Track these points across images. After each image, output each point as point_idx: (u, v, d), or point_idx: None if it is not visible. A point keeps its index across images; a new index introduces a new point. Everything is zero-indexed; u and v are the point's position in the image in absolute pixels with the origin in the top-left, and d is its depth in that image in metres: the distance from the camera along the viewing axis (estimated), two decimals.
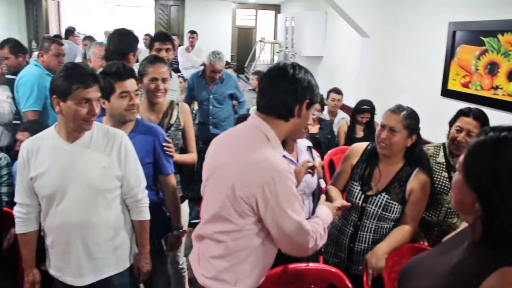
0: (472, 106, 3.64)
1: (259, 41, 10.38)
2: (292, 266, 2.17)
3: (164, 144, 2.44)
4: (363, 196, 2.38)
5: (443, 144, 2.62)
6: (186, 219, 2.90)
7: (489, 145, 1.08)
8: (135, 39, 3.36)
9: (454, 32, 3.93)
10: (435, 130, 4.15)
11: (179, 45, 8.56)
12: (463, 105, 3.75)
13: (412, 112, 2.36)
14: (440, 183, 2.53)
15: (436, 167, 2.58)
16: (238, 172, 1.62)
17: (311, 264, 2.23)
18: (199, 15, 10.21)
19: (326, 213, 1.89)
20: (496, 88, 3.47)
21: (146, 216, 2.19)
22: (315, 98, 1.72)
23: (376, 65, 5.15)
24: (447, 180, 2.53)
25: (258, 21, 11.79)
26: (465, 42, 3.82)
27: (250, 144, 1.67)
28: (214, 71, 4.41)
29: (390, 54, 5.03)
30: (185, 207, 2.88)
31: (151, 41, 3.57)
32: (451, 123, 2.56)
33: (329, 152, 4.05)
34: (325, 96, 4.71)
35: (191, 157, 2.84)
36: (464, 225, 1.34)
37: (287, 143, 2.24)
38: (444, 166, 2.56)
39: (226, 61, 9.19)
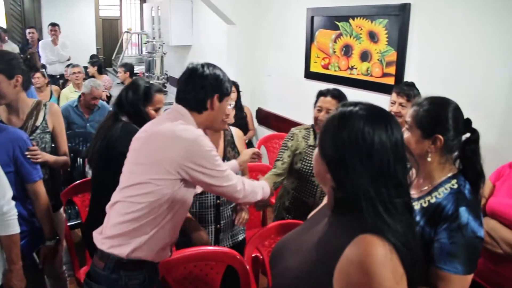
0: (333, 86, 3.95)
1: (125, 32, 10.06)
2: (192, 249, 2.21)
3: (27, 152, 2.27)
4: None
5: (313, 126, 2.73)
6: (62, 227, 2.76)
7: (335, 119, 1.16)
8: None
9: (312, 18, 4.18)
10: (300, 110, 4.42)
11: (38, 39, 7.99)
12: (325, 85, 4.01)
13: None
14: (313, 165, 2.63)
15: (308, 150, 2.67)
16: (161, 142, 1.78)
17: (210, 247, 2.28)
18: (58, 6, 9.50)
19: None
20: (352, 68, 3.78)
21: (15, 229, 2.01)
22: (226, 91, 1.93)
23: (243, 51, 5.29)
24: None
25: (123, 11, 11.40)
26: (322, 27, 4.08)
27: (169, 120, 1.86)
28: (95, 97, 4.48)
29: (256, 40, 5.19)
30: (60, 215, 2.74)
31: None
32: (314, 104, 2.69)
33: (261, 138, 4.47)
34: None
35: (63, 159, 2.67)
36: (325, 201, 1.43)
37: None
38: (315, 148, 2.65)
39: (93, 55, 8.82)
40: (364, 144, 1.09)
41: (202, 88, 1.87)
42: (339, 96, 2.61)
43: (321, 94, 2.67)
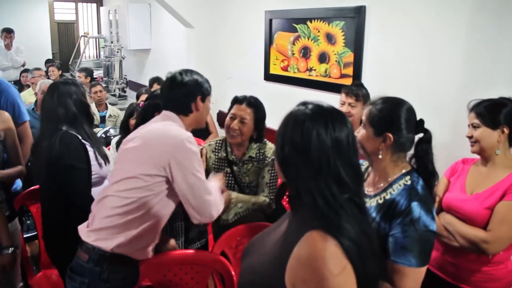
0: (292, 87, 4.01)
1: (82, 36, 9.87)
2: (178, 251, 2.24)
3: None
4: None
5: (226, 138, 2.61)
6: (18, 237, 2.68)
7: (284, 119, 1.22)
8: None
9: (270, 20, 4.20)
10: None
11: None
12: (284, 87, 4.08)
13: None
14: (226, 179, 2.52)
15: (217, 163, 2.58)
16: (151, 139, 1.93)
17: (196, 251, 2.33)
18: (9, 9, 9.13)
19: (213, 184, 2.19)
20: (311, 69, 3.83)
21: None
22: (206, 91, 2.10)
23: (203, 54, 5.28)
24: (230, 175, 2.57)
25: (79, 15, 11.16)
26: (281, 29, 4.12)
27: (160, 122, 2.03)
28: None
29: (215, 43, 5.18)
30: (15, 225, 2.67)
31: None
32: (228, 111, 2.56)
33: None
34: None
35: (17, 170, 2.59)
36: None
37: None
38: (226, 162, 2.58)
39: (49, 59, 8.59)
40: (302, 141, 1.14)
41: (185, 94, 2.03)
42: (255, 105, 2.52)
43: (236, 101, 2.56)
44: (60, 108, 2.33)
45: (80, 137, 2.30)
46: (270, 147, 2.59)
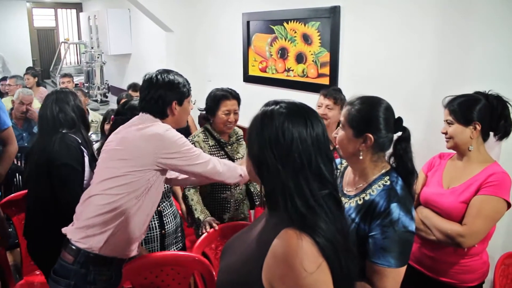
0: (271, 88, 4.03)
1: (63, 42, 9.79)
2: (158, 253, 2.28)
3: None
4: None
5: (206, 128, 2.80)
6: None
7: (258, 119, 1.20)
8: None
9: (248, 22, 4.23)
10: (241, 113, 4.41)
11: None
12: (264, 88, 4.10)
13: None
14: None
15: (212, 149, 2.72)
16: (134, 139, 1.92)
17: (176, 252, 2.37)
18: None
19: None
20: (288, 70, 3.86)
21: None
22: (182, 95, 2.05)
23: (183, 58, 5.27)
24: (225, 157, 2.73)
25: (58, 21, 11.06)
26: (258, 31, 4.15)
27: (138, 123, 1.99)
28: (23, 102, 4.55)
29: (195, 46, 5.19)
30: None
31: None
32: (212, 109, 2.73)
33: None
34: None
35: None
36: None
37: None
38: (218, 146, 2.75)
39: (30, 67, 8.50)
40: (284, 142, 1.13)
41: (159, 98, 2.00)
42: (237, 96, 2.76)
43: (224, 97, 2.70)
44: (60, 113, 2.46)
45: (79, 141, 2.41)
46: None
